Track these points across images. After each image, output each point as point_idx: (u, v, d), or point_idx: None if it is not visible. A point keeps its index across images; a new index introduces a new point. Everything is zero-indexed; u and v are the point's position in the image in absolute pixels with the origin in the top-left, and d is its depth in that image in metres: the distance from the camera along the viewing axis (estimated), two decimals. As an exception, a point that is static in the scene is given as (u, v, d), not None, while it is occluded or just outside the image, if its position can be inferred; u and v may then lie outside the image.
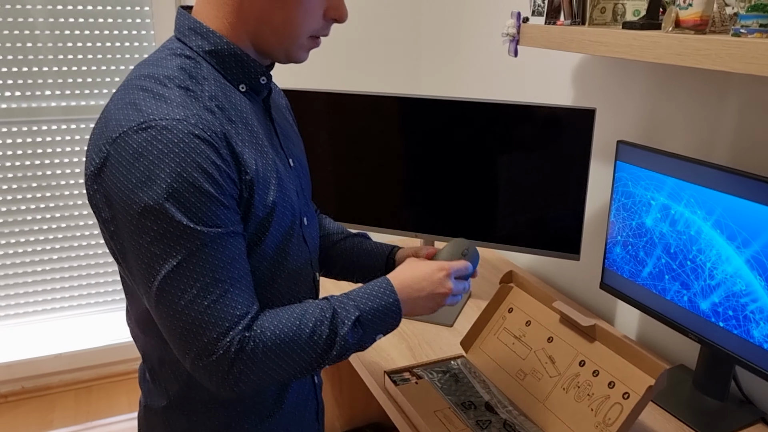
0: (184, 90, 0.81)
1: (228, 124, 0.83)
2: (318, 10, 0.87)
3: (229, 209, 0.80)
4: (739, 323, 1.16)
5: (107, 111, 0.82)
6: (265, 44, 0.88)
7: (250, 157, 0.84)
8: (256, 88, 0.91)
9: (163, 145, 0.76)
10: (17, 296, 2.31)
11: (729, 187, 1.14)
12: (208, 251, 0.78)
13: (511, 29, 1.48)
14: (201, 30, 0.86)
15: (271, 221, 0.88)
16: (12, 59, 2.08)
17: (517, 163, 1.55)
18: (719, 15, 1.12)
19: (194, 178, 0.76)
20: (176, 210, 0.76)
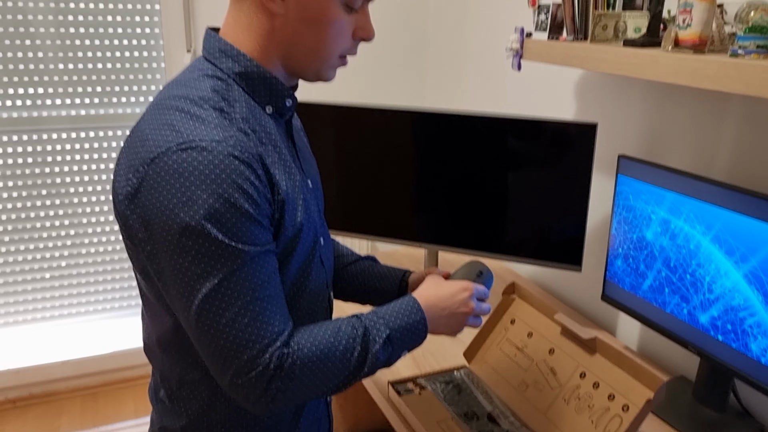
0: (219, 111, 0.83)
1: (260, 146, 0.85)
2: (348, 30, 0.89)
3: (264, 228, 0.82)
4: (738, 337, 1.18)
5: (141, 131, 0.83)
6: (296, 65, 0.90)
7: (281, 178, 0.86)
8: (281, 110, 0.93)
9: (204, 166, 0.77)
10: (26, 302, 2.34)
11: (728, 202, 1.16)
12: (247, 269, 0.80)
13: (514, 44, 1.51)
14: (231, 52, 0.88)
15: (298, 241, 0.90)
16: (18, 68, 2.11)
17: (520, 176, 1.57)
18: (718, 34, 1.14)
19: (234, 198, 0.78)
20: (216, 229, 0.77)
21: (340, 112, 1.70)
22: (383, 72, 2.44)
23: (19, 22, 2.06)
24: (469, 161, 1.61)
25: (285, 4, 0.85)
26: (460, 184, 1.63)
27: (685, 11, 1.09)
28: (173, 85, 0.88)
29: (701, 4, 1.08)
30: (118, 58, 2.20)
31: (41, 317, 2.37)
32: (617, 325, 1.65)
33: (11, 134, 2.16)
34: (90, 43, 2.15)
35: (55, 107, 2.18)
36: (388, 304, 0.96)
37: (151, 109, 0.86)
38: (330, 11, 0.86)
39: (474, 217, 1.64)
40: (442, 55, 2.37)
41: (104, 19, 2.14)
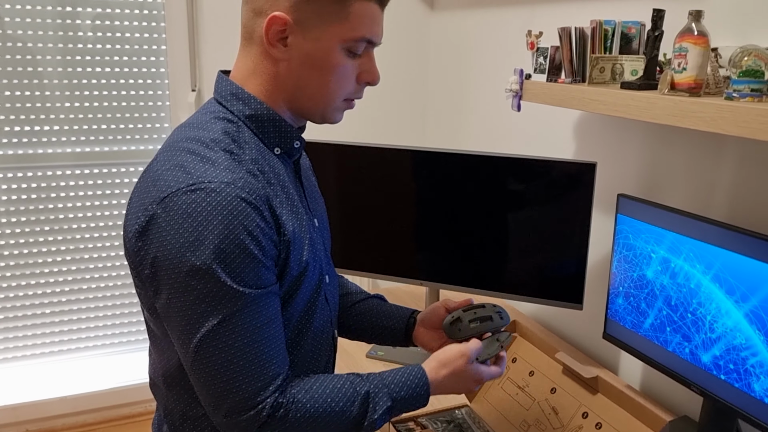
0: (229, 153, 0.85)
1: (268, 187, 0.87)
2: (351, 75, 0.91)
3: (269, 270, 0.84)
4: (740, 377, 1.18)
5: (153, 171, 0.85)
6: (302, 108, 0.93)
7: (288, 218, 0.88)
8: (289, 151, 0.95)
9: (212, 207, 0.79)
10: (24, 338, 2.33)
11: (727, 242, 1.17)
12: (248, 311, 0.81)
13: (514, 85, 1.54)
14: (242, 95, 0.91)
15: (303, 279, 0.91)
16: (25, 106, 2.14)
17: (520, 215, 1.58)
18: (713, 77, 1.17)
19: (241, 241, 0.79)
20: (222, 271, 0.79)
21: (341, 151, 1.73)
22: (384, 111, 2.48)
23: (27, 62, 2.10)
24: (470, 200, 1.62)
25: (288, 50, 0.87)
26: (461, 223, 1.65)
27: (680, 56, 1.12)
28: (186, 126, 0.91)
29: (696, 49, 1.10)
30: (124, 96, 2.23)
31: (40, 352, 2.36)
32: (619, 363, 1.64)
33: (16, 171, 2.18)
34: (96, 81, 2.19)
35: (60, 144, 2.21)
36: (395, 369, 0.97)
37: (163, 150, 0.88)
38: (332, 57, 0.88)
39: (475, 256, 1.65)
40: (442, 96, 2.41)
41: (111, 58, 2.19)
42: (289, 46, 0.87)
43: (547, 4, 1.80)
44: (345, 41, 0.88)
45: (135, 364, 2.44)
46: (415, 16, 2.42)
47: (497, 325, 1.07)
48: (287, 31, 0.86)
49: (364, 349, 1.69)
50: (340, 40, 0.88)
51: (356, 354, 1.66)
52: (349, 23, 0.87)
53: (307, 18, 0.86)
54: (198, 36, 2.21)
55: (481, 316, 1.07)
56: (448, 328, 1.07)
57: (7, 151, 2.16)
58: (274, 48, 0.87)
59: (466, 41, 2.21)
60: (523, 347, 1.37)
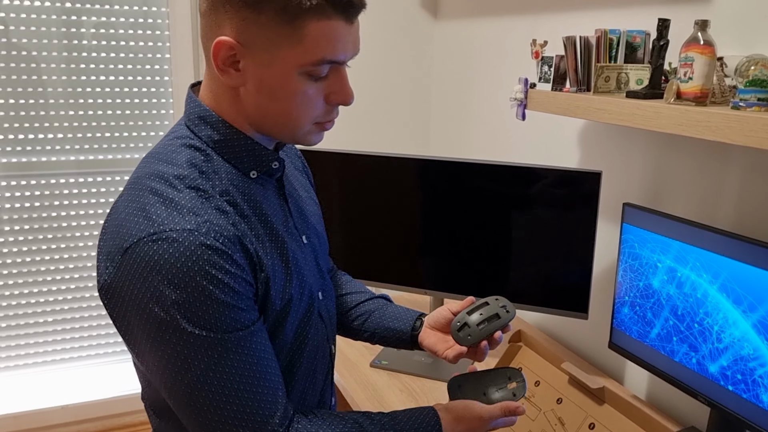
0: (195, 191, 0.80)
1: (241, 221, 0.82)
2: (316, 98, 0.83)
3: (245, 311, 0.79)
4: (748, 387, 1.17)
5: (118, 214, 0.80)
6: (270, 133, 0.87)
7: (265, 253, 0.83)
8: (267, 172, 0.89)
9: (175, 259, 0.74)
10: (27, 346, 2.32)
11: (733, 252, 1.16)
12: (233, 356, 0.78)
13: (518, 94, 1.54)
14: (210, 119, 0.85)
15: (288, 311, 0.88)
16: (29, 114, 2.15)
17: (525, 224, 1.58)
18: (719, 87, 1.17)
19: (207, 290, 0.75)
20: (191, 323, 0.75)
21: (345, 160, 1.72)
22: (388, 120, 2.48)
23: (30, 69, 2.10)
24: (475, 209, 1.62)
25: (242, 75, 0.80)
26: (466, 232, 1.64)
27: (686, 65, 1.12)
28: (152, 157, 0.85)
29: (702, 59, 1.10)
30: (127, 104, 2.24)
31: (41, 361, 2.35)
32: (625, 373, 1.63)
33: (20, 179, 2.18)
34: (101, 90, 2.19)
35: (63, 152, 2.20)
36: (407, 412, 0.93)
37: (129, 185, 0.83)
38: (289, 83, 0.80)
39: (479, 265, 1.65)
40: (446, 104, 2.41)
41: (114, 66, 2.19)
42: (241, 71, 0.80)
43: (551, 14, 1.80)
44: (301, 66, 0.79)
45: (137, 373, 2.43)
46: (419, 24, 2.42)
47: (505, 321, 1.05)
48: (237, 55, 0.79)
49: (367, 358, 1.68)
50: (296, 65, 0.79)
51: (360, 363, 1.65)
52: (303, 46, 0.78)
53: (255, 41, 0.78)
54: (202, 44, 2.21)
55: (487, 316, 1.04)
56: (456, 336, 1.05)
57: (10, 159, 2.16)
58: (226, 74, 0.80)
59: (470, 50, 2.21)
60: (529, 357, 1.36)
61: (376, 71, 2.41)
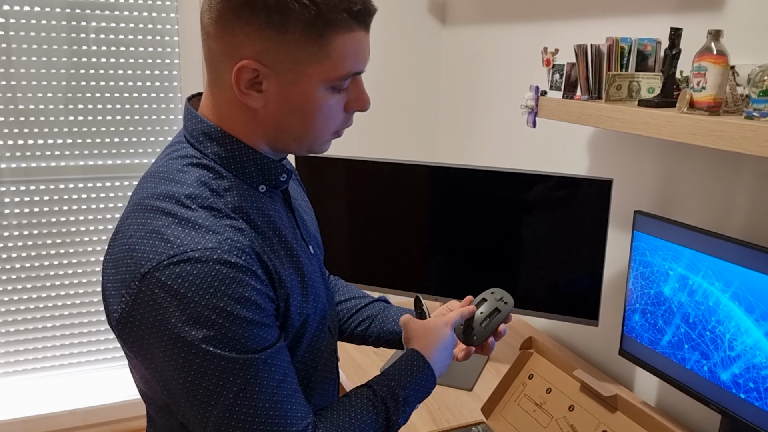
0: (209, 210, 0.77)
1: (258, 238, 0.80)
2: (338, 110, 0.83)
3: (271, 328, 0.79)
4: (761, 395, 1.17)
5: (127, 239, 0.77)
6: (285, 147, 0.85)
7: (283, 268, 0.83)
8: (275, 185, 0.88)
9: (200, 280, 0.72)
10: (35, 351, 2.33)
11: (745, 260, 1.17)
12: (262, 375, 0.76)
13: (529, 102, 1.55)
14: (216, 135, 0.82)
15: (306, 328, 0.87)
16: (31, 120, 2.15)
17: (535, 231, 1.58)
18: (731, 96, 1.17)
19: (236, 309, 0.73)
20: (223, 345, 0.73)
21: (353, 166, 1.73)
22: (396, 126, 2.48)
23: (36, 75, 2.11)
24: (484, 216, 1.62)
25: (264, 96, 0.79)
26: (475, 239, 1.65)
27: (699, 74, 1.13)
28: (155, 178, 0.82)
29: (715, 68, 1.11)
30: (136, 110, 2.24)
31: (50, 366, 2.36)
32: (635, 380, 1.63)
33: (28, 184, 2.19)
34: (109, 95, 2.20)
35: (70, 157, 2.21)
36: (393, 364, 0.97)
37: (132, 209, 0.80)
38: (314, 98, 0.79)
39: (489, 272, 1.65)
40: (454, 111, 2.42)
41: (122, 72, 2.20)
42: (264, 92, 0.78)
43: (561, 21, 1.80)
44: (328, 81, 0.79)
45: (145, 377, 2.43)
46: (427, 30, 2.43)
47: (505, 313, 1.09)
48: (260, 77, 0.77)
49: (377, 364, 1.68)
50: (323, 81, 0.78)
51: (370, 369, 1.66)
52: (330, 61, 0.77)
53: (280, 61, 0.76)
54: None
55: (488, 312, 1.08)
56: (462, 337, 1.08)
57: (17, 164, 2.16)
58: (248, 97, 0.78)
59: (479, 56, 2.22)
60: (540, 364, 1.36)
61: (384, 77, 2.42)
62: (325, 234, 1.81)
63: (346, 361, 1.69)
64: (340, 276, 1.82)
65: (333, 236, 1.80)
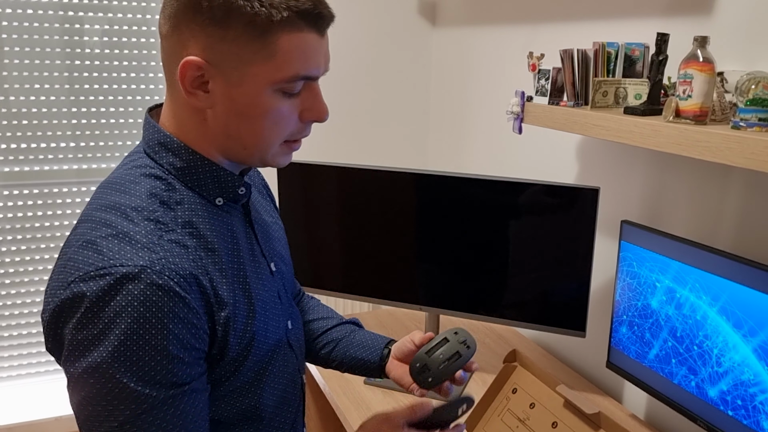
0: (154, 223, 0.75)
1: (205, 256, 0.77)
2: (290, 115, 0.79)
3: (190, 365, 0.74)
4: (749, 413, 1.13)
5: (67, 248, 0.75)
6: (235, 156, 0.82)
7: (228, 290, 0.79)
8: (234, 198, 0.85)
9: (121, 297, 0.68)
10: (20, 357, 2.30)
11: (733, 274, 1.13)
12: (155, 413, 0.71)
13: (515, 107, 1.51)
14: (171, 145, 0.80)
15: (250, 350, 0.83)
16: (23, 123, 2.12)
17: (522, 240, 1.55)
18: (719, 103, 1.13)
19: (152, 337, 0.69)
20: (125, 371, 0.69)
21: (340, 173, 1.69)
22: (385, 131, 2.45)
23: (29, 78, 2.08)
24: (471, 225, 1.59)
25: (210, 97, 0.76)
26: (462, 248, 1.61)
27: (685, 82, 1.09)
28: (108, 187, 0.80)
29: (701, 76, 1.07)
30: (121, 113, 2.21)
31: (35, 372, 2.33)
32: (623, 392, 1.60)
33: (22, 188, 2.16)
34: (93, 98, 2.17)
35: (62, 161, 2.18)
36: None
37: (82, 219, 0.78)
38: (260, 101, 0.76)
39: (476, 281, 1.62)
40: (444, 115, 2.38)
41: (118, 75, 2.16)
42: (210, 92, 0.76)
43: (549, 24, 1.77)
44: (274, 83, 0.75)
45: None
46: (417, 32, 2.39)
47: (465, 358, 0.98)
48: (206, 76, 0.75)
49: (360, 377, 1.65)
50: (268, 82, 0.75)
51: (354, 380, 1.62)
52: (275, 61, 0.74)
53: (224, 59, 0.74)
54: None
55: (448, 355, 0.98)
56: (417, 378, 0.99)
57: (12, 168, 2.13)
58: (194, 96, 0.76)
59: (470, 59, 2.18)
60: (524, 377, 1.33)
61: (373, 80, 2.38)
62: (312, 242, 1.77)
63: (329, 372, 1.65)
64: (326, 285, 1.78)
65: (322, 245, 1.76)
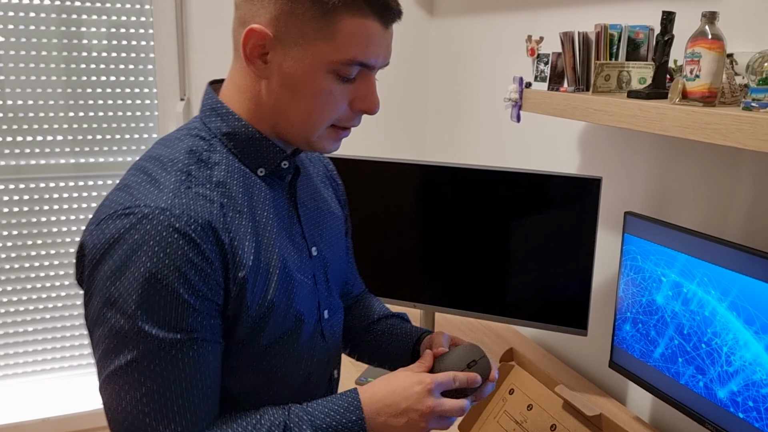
0: (185, 174, 0.77)
1: (232, 215, 0.79)
2: (340, 101, 0.81)
3: (200, 314, 0.74)
4: (761, 415, 1.06)
5: (109, 191, 0.81)
6: (284, 134, 0.84)
7: (248, 253, 0.79)
8: (277, 172, 0.86)
9: (139, 236, 0.71)
10: (6, 357, 2.24)
11: (745, 267, 1.06)
12: (162, 356, 0.72)
13: (513, 94, 1.44)
14: (221, 110, 0.83)
15: (267, 321, 0.81)
16: (19, 116, 2.07)
17: (522, 233, 1.48)
18: (729, 86, 1.06)
19: (165, 278, 0.71)
20: (136, 308, 0.71)
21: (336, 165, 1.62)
22: (383, 122, 2.38)
23: (25, 70, 2.03)
24: (469, 217, 1.52)
25: (268, 68, 0.79)
26: (459, 243, 1.55)
27: (692, 62, 1.02)
28: (158, 142, 0.85)
29: (710, 55, 1.00)
30: (110, 105, 2.15)
31: (22, 372, 2.27)
32: (627, 393, 1.53)
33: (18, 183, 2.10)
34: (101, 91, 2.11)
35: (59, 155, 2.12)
36: (329, 397, 0.84)
37: (130, 167, 0.83)
38: (316, 81, 0.78)
39: (473, 277, 1.55)
40: (443, 105, 2.31)
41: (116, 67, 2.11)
42: (269, 64, 0.78)
43: (551, 8, 1.70)
44: (331, 63, 0.77)
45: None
46: (415, 22, 2.33)
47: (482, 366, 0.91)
48: (267, 47, 0.77)
49: (353, 374, 1.59)
50: (326, 62, 0.77)
51: (345, 380, 1.56)
52: (335, 42, 0.76)
53: (288, 33, 0.76)
54: (187, 45, 2.13)
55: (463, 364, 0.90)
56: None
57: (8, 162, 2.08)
58: (253, 64, 0.79)
59: (468, 49, 2.12)
60: (521, 378, 1.26)
61: (370, 71, 2.32)
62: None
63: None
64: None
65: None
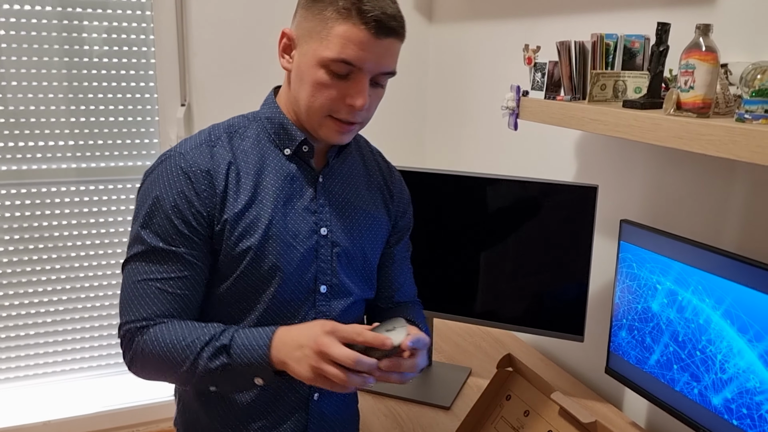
0: (216, 135, 1.01)
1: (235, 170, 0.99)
2: (329, 91, 0.94)
3: (184, 237, 0.97)
4: (755, 423, 1.07)
5: None
6: (302, 121, 1.01)
7: (241, 201, 0.98)
8: (300, 154, 1.03)
9: (160, 171, 0.98)
10: (8, 360, 2.25)
11: (739, 276, 1.07)
12: (147, 258, 0.97)
13: (510, 102, 1.45)
14: (268, 101, 1.06)
15: (242, 261, 0.99)
16: (20, 121, 2.08)
17: (518, 240, 1.49)
18: (723, 96, 1.08)
19: (164, 201, 0.96)
20: (142, 218, 0.97)
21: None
22: (382, 127, 2.39)
23: (27, 75, 2.04)
24: (466, 224, 1.53)
25: (291, 62, 0.99)
26: (457, 249, 1.56)
27: (686, 73, 1.03)
28: None
29: (704, 66, 1.01)
30: (111, 111, 2.16)
31: (23, 375, 2.28)
32: (623, 399, 1.54)
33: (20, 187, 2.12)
34: (96, 96, 2.12)
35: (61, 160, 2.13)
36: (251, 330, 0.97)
37: None
38: (314, 73, 0.94)
39: (469, 283, 1.56)
40: (442, 112, 2.33)
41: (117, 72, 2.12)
42: (291, 59, 0.98)
43: (549, 17, 1.71)
44: (323, 60, 0.92)
45: (122, 387, 2.35)
46: (414, 28, 2.34)
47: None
48: (291, 46, 0.98)
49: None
50: (319, 58, 0.93)
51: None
52: (327, 42, 0.92)
53: (303, 33, 0.95)
54: (187, 50, 2.14)
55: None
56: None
57: (10, 166, 2.09)
58: (283, 59, 0.99)
59: (467, 55, 2.13)
60: (518, 384, 1.27)
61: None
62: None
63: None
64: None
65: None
